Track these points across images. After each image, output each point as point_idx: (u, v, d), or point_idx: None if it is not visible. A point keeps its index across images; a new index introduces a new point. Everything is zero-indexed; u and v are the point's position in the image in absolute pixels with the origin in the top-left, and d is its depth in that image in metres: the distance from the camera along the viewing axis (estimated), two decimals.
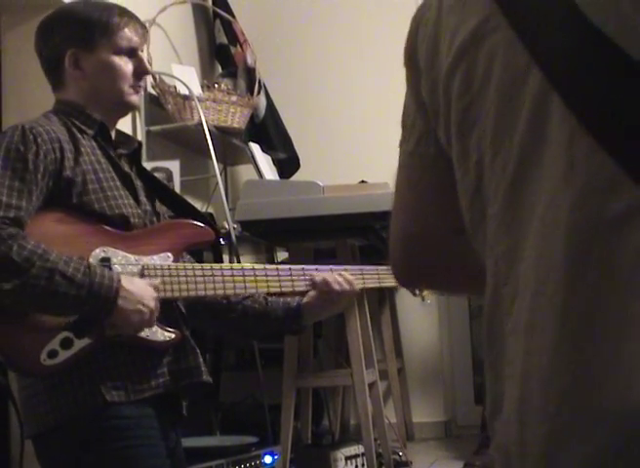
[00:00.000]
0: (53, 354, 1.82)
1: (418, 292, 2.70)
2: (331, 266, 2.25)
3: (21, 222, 1.80)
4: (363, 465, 3.49)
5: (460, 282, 1.11)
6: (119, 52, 2.02)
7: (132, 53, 2.04)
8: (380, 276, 2.38)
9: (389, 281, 2.43)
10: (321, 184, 3.36)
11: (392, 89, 3.91)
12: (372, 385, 3.47)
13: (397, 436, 4.02)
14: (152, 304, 1.86)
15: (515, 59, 0.78)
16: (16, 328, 1.83)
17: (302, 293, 2.22)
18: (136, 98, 2.07)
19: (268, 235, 3.65)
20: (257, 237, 3.78)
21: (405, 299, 4.63)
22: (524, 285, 0.76)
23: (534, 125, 0.77)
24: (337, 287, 2.18)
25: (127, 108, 2.11)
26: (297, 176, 4.61)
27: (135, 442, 1.87)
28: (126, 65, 2.03)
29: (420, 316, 4.74)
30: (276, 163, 4.47)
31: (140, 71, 2.06)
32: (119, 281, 1.82)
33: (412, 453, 4.00)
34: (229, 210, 3.79)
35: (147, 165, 3.81)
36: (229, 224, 3.69)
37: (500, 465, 0.78)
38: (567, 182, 0.73)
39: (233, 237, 3.60)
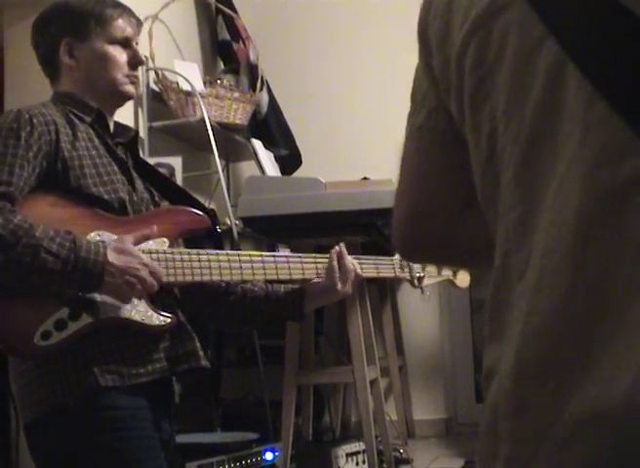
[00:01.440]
0: (46, 335, 1.81)
1: (417, 283, 2.70)
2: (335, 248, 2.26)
3: (11, 198, 1.80)
4: (364, 462, 3.48)
5: (463, 256, 1.11)
6: (113, 41, 2.05)
7: (126, 43, 2.07)
8: (378, 266, 2.39)
9: (388, 271, 2.43)
10: (323, 181, 3.35)
11: (395, 85, 3.89)
12: (373, 382, 3.47)
13: (398, 433, 4.02)
14: (141, 273, 1.84)
15: (530, 31, 0.79)
16: (10, 308, 1.83)
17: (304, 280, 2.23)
18: (131, 88, 2.09)
19: (270, 231, 3.64)
20: (258, 233, 3.78)
21: (406, 297, 4.63)
22: (537, 251, 0.76)
23: (548, 93, 0.77)
24: (349, 265, 2.19)
25: (122, 97, 2.12)
26: (299, 173, 4.60)
27: (129, 434, 1.87)
28: (120, 55, 2.06)
29: (422, 313, 4.74)
30: (278, 159, 4.47)
31: (135, 61, 2.09)
32: (105, 255, 1.81)
33: (412, 451, 4.00)
34: (231, 206, 3.79)
35: (150, 161, 3.81)
36: (231, 221, 3.68)
37: (486, 422, 0.78)
38: (582, 148, 0.73)
39: (235, 233, 3.60)
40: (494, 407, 0.77)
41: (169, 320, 1.93)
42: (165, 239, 1.98)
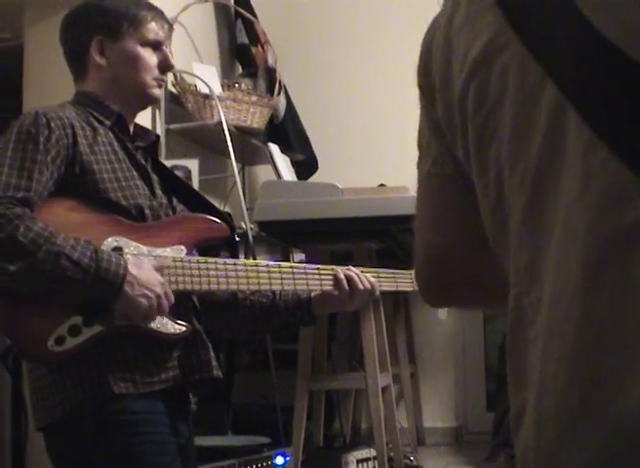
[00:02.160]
0: (60, 340, 1.81)
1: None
2: (349, 267, 2.24)
3: (30, 203, 1.79)
4: None
5: (486, 297, 1.11)
6: (145, 43, 2.04)
7: (157, 46, 2.06)
8: (397, 280, 2.38)
9: (406, 285, 2.43)
10: (340, 187, 3.35)
11: (412, 92, 3.89)
12: (385, 389, 3.46)
13: (408, 440, 4.01)
14: (159, 290, 1.85)
15: (529, 75, 0.79)
16: (25, 312, 1.82)
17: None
18: (158, 92, 2.08)
19: (285, 236, 3.65)
20: (274, 238, 3.78)
21: (419, 305, 4.62)
22: (546, 295, 0.77)
23: (550, 138, 0.77)
24: (360, 286, 2.17)
25: (148, 101, 2.11)
26: (315, 178, 4.60)
27: (144, 438, 1.86)
28: (150, 58, 2.04)
29: (434, 321, 4.74)
30: (294, 164, 4.47)
31: (165, 65, 2.08)
32: (125, 267, 1.81)
33: (423, 458, 3.99)
34: (247, 210, 3.79)
35: (166, 163, 3.78)
36: (246, 224, 3.69)
37: (519, 466, 0.79)
38: (584, 193, 0.73)
39: (250, 237, 3.60)
40: (524, 452, 0.78)
41: (184, 328, 1.92)
42: (182, 246, 1.97)
